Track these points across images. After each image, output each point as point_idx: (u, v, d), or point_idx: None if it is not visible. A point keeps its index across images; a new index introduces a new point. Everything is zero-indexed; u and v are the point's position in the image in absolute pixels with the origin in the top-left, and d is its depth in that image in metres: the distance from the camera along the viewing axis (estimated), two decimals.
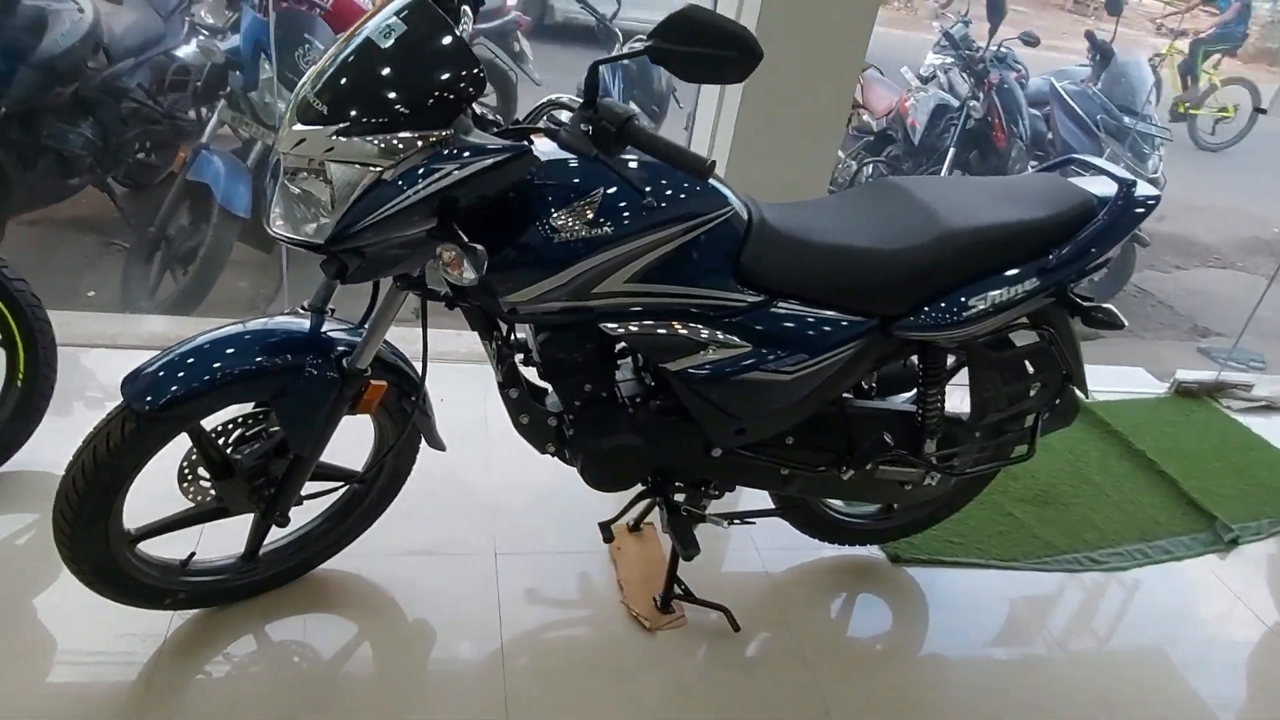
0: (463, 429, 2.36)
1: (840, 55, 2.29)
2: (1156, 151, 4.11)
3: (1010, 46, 4.68)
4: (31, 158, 3.12)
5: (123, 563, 1.53)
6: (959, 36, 4.52)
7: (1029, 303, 1.70)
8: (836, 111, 2.41)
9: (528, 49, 4.76)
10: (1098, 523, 2.49)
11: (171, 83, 3.74)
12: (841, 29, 2.24)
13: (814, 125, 2.37)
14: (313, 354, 1.47)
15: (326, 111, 1.21)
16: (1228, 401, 3.27)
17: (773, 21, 2.20)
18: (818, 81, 2.30)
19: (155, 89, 3.67)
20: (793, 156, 2.38)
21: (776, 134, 2.34)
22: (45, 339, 1.98)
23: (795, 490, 1.86)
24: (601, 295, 1.44)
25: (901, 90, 4.67)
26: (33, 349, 1.96)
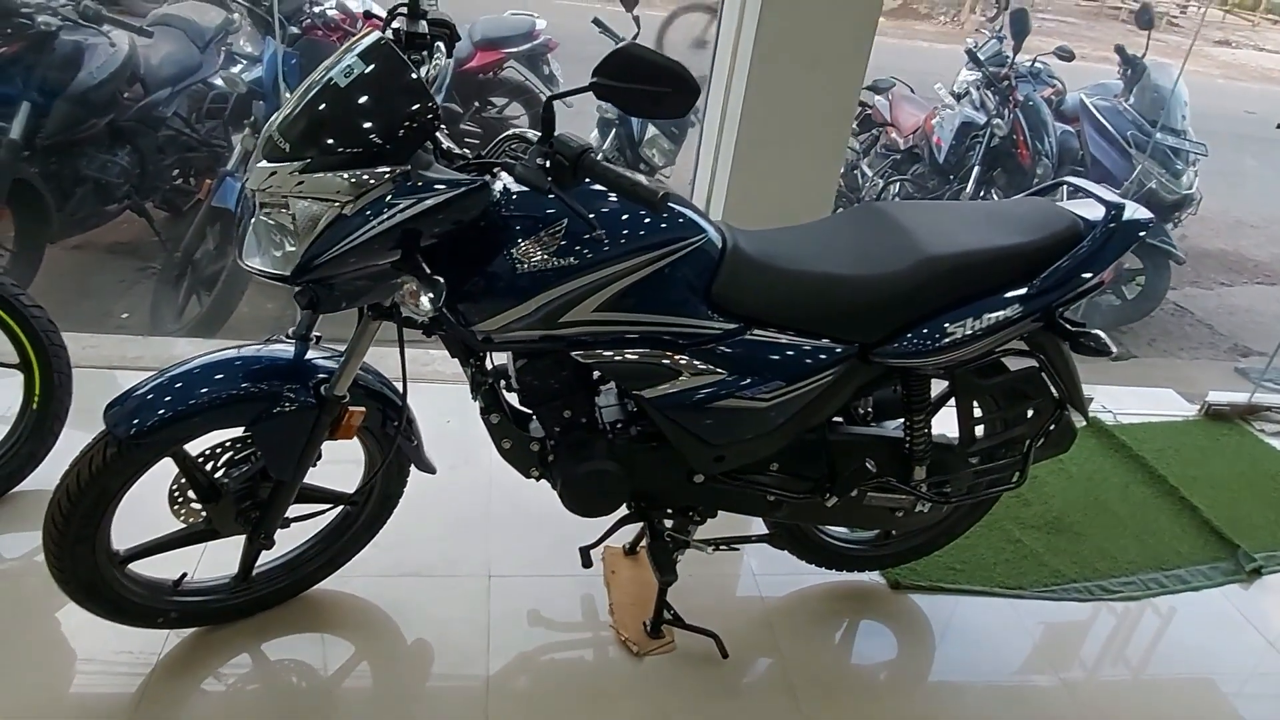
0: (467, 449, 2.39)
1: (839, 77, 2.29)
2: (1191, 167, 3.99)
3: (1046, 61, 4.60)
4: (70, 186, 3.26)
5: (112, 582, 1.59)
6: (993, 53, 4.46)
7: (1012, 329, 1.66)
8: (836, 133, 2.41)
9: (558, 72, 4.83)
10: (1113, 552, 2.42)
11: (209, 110, 3.90)
12: (839, 51, 2.24)
13: (814, 147, 2.37)
14: (292, 381, 1.51)
15: (289, 149, 1.25)
16: (1261, 425, 3.15)
17: (770, 44, 2.21)
18: (817, 103, 2.30)
19: (193, 116, 3.82)
20: (794, 178, 2.38)
21: (777, 156, 2.35)
22: (60, 363, 2.07)
23: (783, 516, 1.85)
24: (570, 324, 1.46)
25: (930, 108, 4.62)
26: (48, 373, 2.05)
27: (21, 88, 2.94)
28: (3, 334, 1.98)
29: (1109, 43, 11.08)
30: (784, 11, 2.14)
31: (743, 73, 2.24)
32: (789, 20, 2.15)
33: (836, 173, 2.44)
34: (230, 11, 3.90)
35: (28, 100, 2.96)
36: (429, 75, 1.42)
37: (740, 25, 2.26)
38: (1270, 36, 15.02)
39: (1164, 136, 3.93)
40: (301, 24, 3.74)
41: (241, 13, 3.89)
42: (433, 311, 1.27)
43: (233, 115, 3.35)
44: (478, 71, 4.56)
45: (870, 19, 2.19)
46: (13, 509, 2.05)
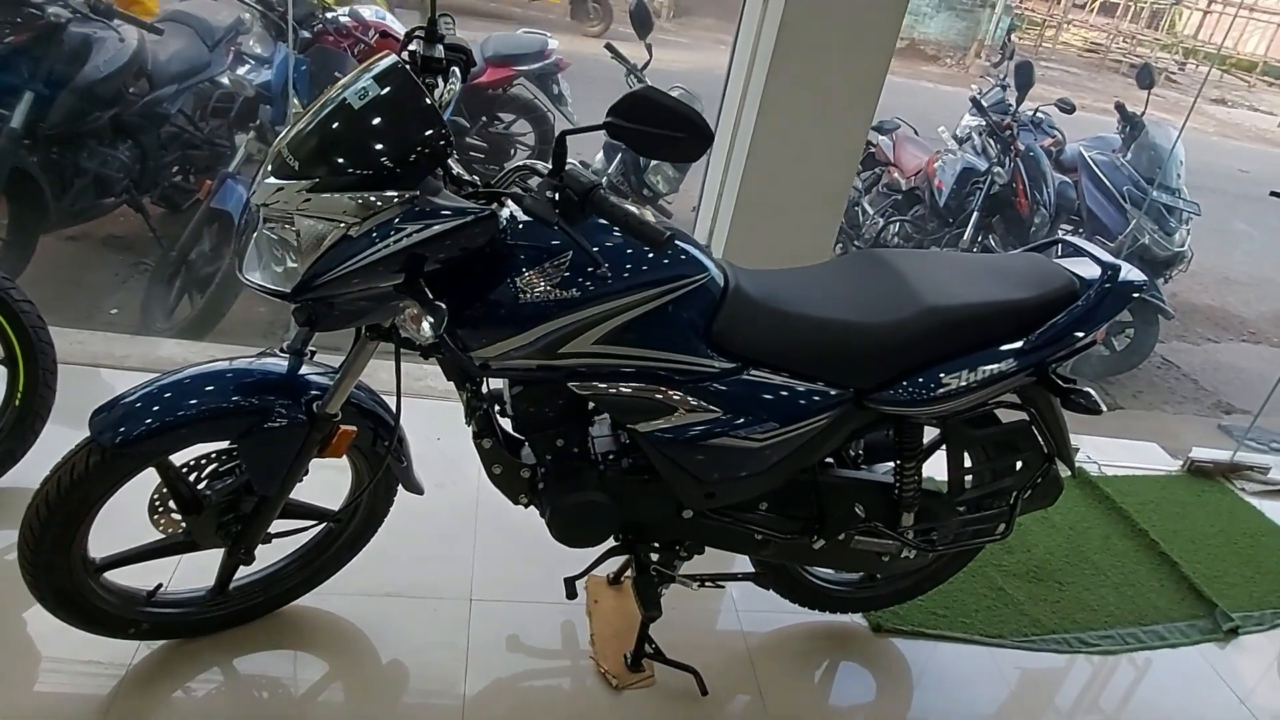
0: (455, 469, 2.37)
1: (847, 121, 2.31)
2: (1184, 225, 4.05)
3: (1047, 111, 4.66)
4: (69, 178, 3.23)
5: (85, 590, 1.56)
6: (996, 100, 4.51)
7: (1005, 383, 1.67)
8: (842, 176, 2.42)
9: (567, 92, 4.85)
10: (1092, 604, 2.42)
11: (214, 109, 3.89)
12: (849, 96, 2.26)
13: (819, 189, 2.39)
14: (284, 396, 1.50)
15: (298, 167, 1.25)
16: (1242, 483, 3.17)
17: (782, 86, 2.23)
18: (824, 146, 2.32)
19: (197, 114, 3.80)
20: (797, 219, 2.40)
21: (782, 196, 2.36)
22: (46, 360, 2.04)
23: (770, 555, 1.84)
24: (569, 355, 1.46)
25: (932, 150, 4.67)
26: (33, 370, 2.02)
27: (26, 78, 2.92)
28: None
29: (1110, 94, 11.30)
30: (798, 55, 2.16)
31: (752, 112, 2.26)
32: (802, 64, 2.17)
33: (839, 215, 2.45)
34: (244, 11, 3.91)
35: (31, 90, 2.94)
36: (442, 100, 1.42)
37: (751, 66, 2.28)
38: (1265, 97, 15.32)
39: (1159, 194, 3.98)
40: (314, 29, 3.75)
41: (254, 14, 3.90)
42: (433, 337, 1.27)
43: (238, 118, 3.34)
44: (487, 87, 4.58)
45: (881, 66, 2.21)
46: None
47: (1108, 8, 18.82)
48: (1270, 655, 2.41)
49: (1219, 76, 15.84)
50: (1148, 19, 18.17)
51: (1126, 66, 15.86)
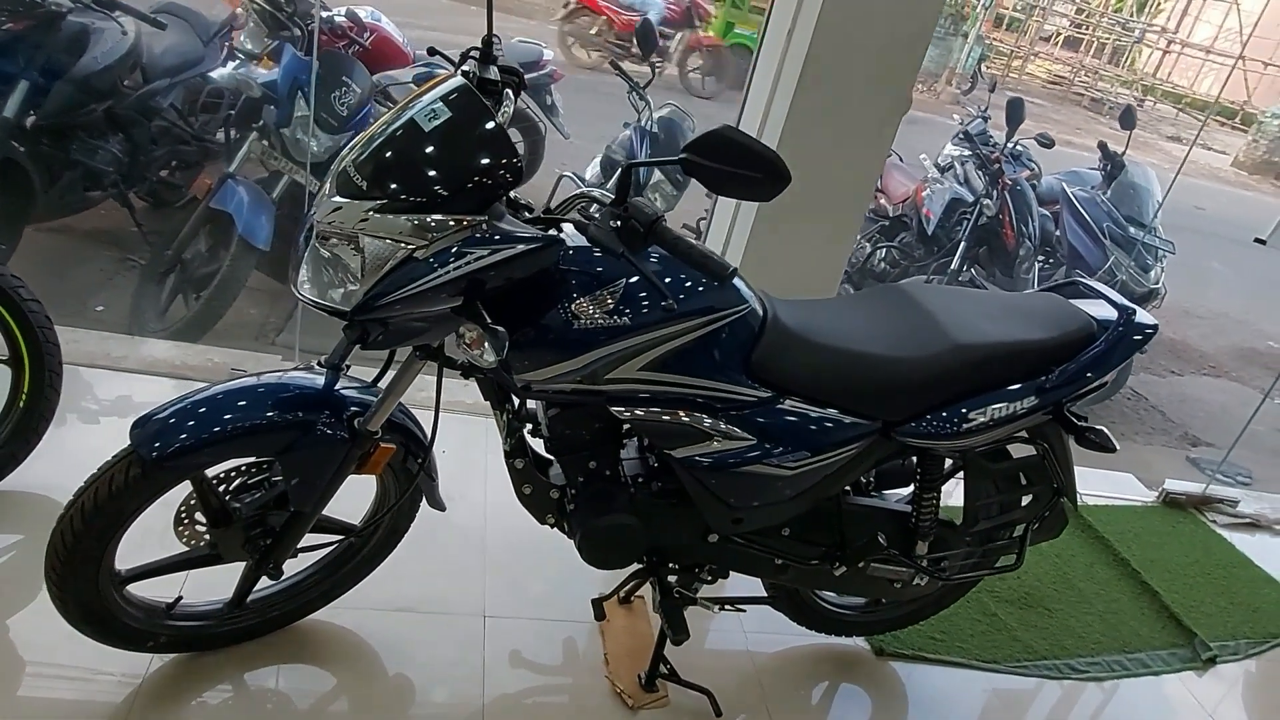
0: (460, 484, 2.36)
1: (864, 157, 2.36)
2: (1160, 263, 4.20)
3: (1025, 145, 4.80)
4: (58, 169, 3.15)
5: (110, 603, 1.53)
6: (977, 132, 4.63)
7: (1026, 419, 1.73)
8: (855, 212, 2.47)
9: (559, 103, 4.85)
10: (1079, 630, 2.50)
11: (204, 104, 3.81)
12: (867, 133, 2.31)
13: (832, 223, 2.42)
14: (325, 412, 1.49)
15: (366, 186, 1.25)
16: (1213, 516, 3.29)
17: (802, 119, 2.26)
18: (840, 181, 2.35)
19: (187, 109, 3.73)
20: (807, 253, 2.42)
21: (794, 229, 2.39)
22: (52, 361, 1.99)
23: (788, 580, 1.87)
24: (615, 380, 1.47)
25: (919, 178, 4.77)
26: (39, 370, 1.97)
27: (23, 66, 2.85)
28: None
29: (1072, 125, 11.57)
30: (822, 89, 2.19)
31: (772, 140, 2.29)
32: (826, 97, 2.21)
33: (850, 247, 2.50)
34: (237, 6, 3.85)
35: (27, 79, 2.86)
36: (500, 123, 1.43)
37: (773, 96, 2.31)
38: (1218, 137, 15.93)
39: (1138, 232, 4.13)
40: (308, 29, 3.70)
41: (247, 9, 3.84)
42: (495, 362, 1.27)
43: (240, 117, 3.29)
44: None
45: (901, 101, 2.26)
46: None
47: (1072, 42, 19.42)
48: (1244, 684, 2.51)
49: (1174, 115, 16.43)
50: (1110, 55, 18.77)
51: (1088, 100, 16.39)
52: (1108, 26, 18.49)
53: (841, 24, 2.10)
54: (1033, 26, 18.29)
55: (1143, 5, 18.87)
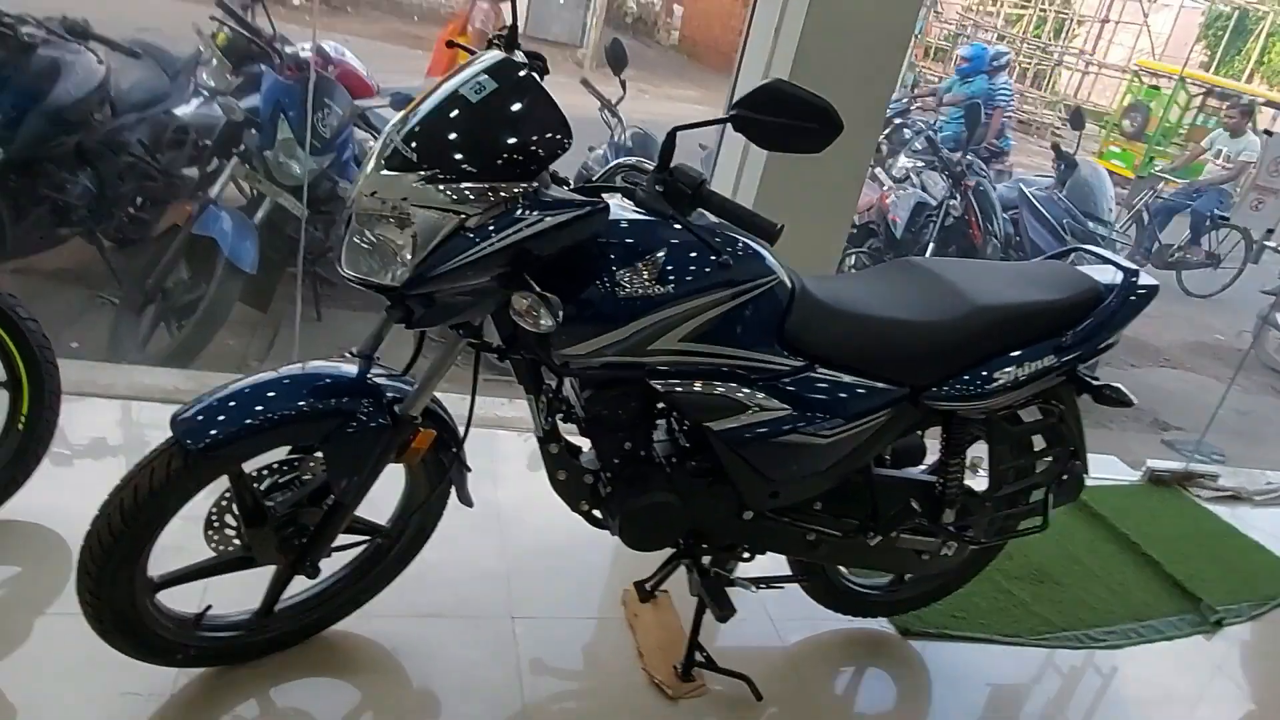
0: (475, 490, 2.32)
1: (854, 151, 2.42)
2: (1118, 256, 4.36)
3: (974, 156, 4.99)
4: (25, 205, 3.07)
5: (143, 612, 1.47)
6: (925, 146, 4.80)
7: (1045, 379, 1.77)
8: (846, 205, 2.54)
9: None
10: (1091, 602, 2.54)
11: (170, 140, 3.76)
12: (857, 127, 2.37)
13: (826, 216, 2.48)
14: (365, 399, 1.46)
15: (416, 158, 1.25)
16: (1197, 490, 3.39)
17: None
18: (832, 175, 2.41)
19: (154, 145, 3.67)
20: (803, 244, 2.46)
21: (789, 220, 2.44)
22: (52, 382, 1.93)
23: (821, 557, 1.88)
24: (656, 353, 1.48)
25: (880, 189, 4.91)
26: (38, 392, 1.90)
27: None
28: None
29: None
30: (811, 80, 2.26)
31: (758, 161, 2.35)
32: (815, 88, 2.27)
33: (844, 237, 2.56)
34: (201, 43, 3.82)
35: None
36: None
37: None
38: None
39: (1095, 226, 4.29)
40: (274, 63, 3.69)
41: (210, 46, 3.81)
42: (552, 327, 1.27)
43: (221, 143, 3.24)
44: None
45: (886, 94, 2.34)
46: None
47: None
48: (1252, 643, 2.57)
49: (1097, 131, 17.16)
50: (1032, 79, 19.60)
51: (1015, 122, 17.06)
52: (1028, 52, 19.34)
53: (830, 16, 2.17)
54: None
55: (1059, 30, 19.80)
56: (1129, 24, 18.44)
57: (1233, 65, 19.63)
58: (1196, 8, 18.05)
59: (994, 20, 19.92)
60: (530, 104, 1.28)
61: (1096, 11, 19.18)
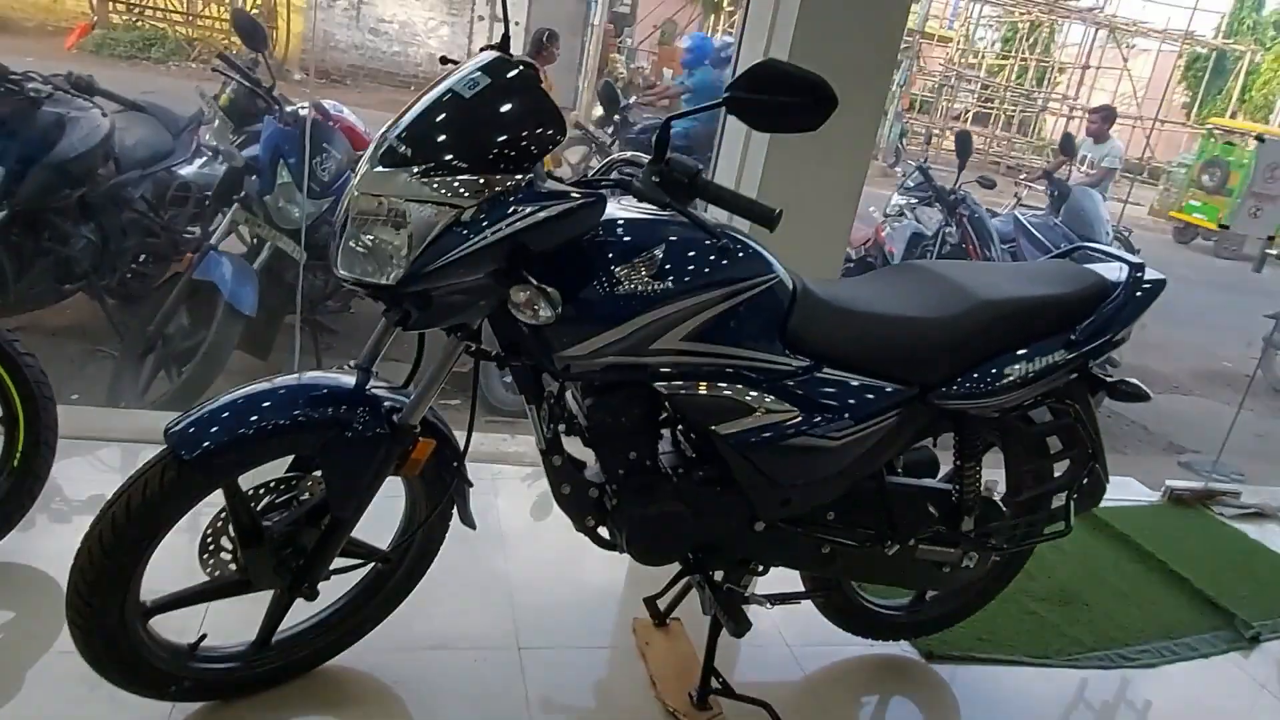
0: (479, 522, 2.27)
1: (849, 164, 2.42)
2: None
3: (967, 189, 5.03)
4: (29, 258, 3.09)
5: (134, 639, 1.41)
6: (917, 183, 4.84)
7: (1056, 375, 1.73)
8: (843, 220, 2.51)
9: None
10: (1121, 621, 2.45)
11: (172, 198, 3.80)
12: (849, 140, 2.38)
13: (824, 231, 2.46)
14: (362, 408, 1.43)
15: (410, 153, 1.24)
16: (1220, 509, 3.31)
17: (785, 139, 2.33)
18: (828, 189, 2.41)
19: (157, 202, 3.71)
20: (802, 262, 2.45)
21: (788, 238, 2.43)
22: (49, 418, 1.90)
23: (836, 570, 1.81)
24: (657, 352, 1.45)
25: (874, 224, 4.94)
26: (34, 428, 1.88)
27: None
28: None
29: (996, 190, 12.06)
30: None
31: (759, 153, 2.35)
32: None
33: (843, 253, 2.54)
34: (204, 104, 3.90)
35: (2, 166, 2.83)
36: None
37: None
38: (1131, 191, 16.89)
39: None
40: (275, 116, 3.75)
41: (213, 106, 3.89)
42: (552, 318, 1.24)
43: (221, 190, 3.27)
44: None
45: (878, 108, 2.35)
46: None
47: (981, 117, 20.62)
48: None
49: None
50: (1017, 126, 19.95)
51: (1004, 168, 17.33)
52: (1012, 100, 19.72)
53: (819, 26, 2.20)
54: (943, 105, 19.43)
55: (1041, 77, 20.21)
56: (1110, 69, 18.84)
57: (1215, 105, 20.03)
58: (1174, 50, 18.48)
59: (976, 71, 20.37)
60: (523, 98, 1.28)
61: (1077, 58, 19.62)
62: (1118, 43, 18.71)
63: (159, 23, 11.42)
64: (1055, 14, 18.81)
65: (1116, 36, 18.64)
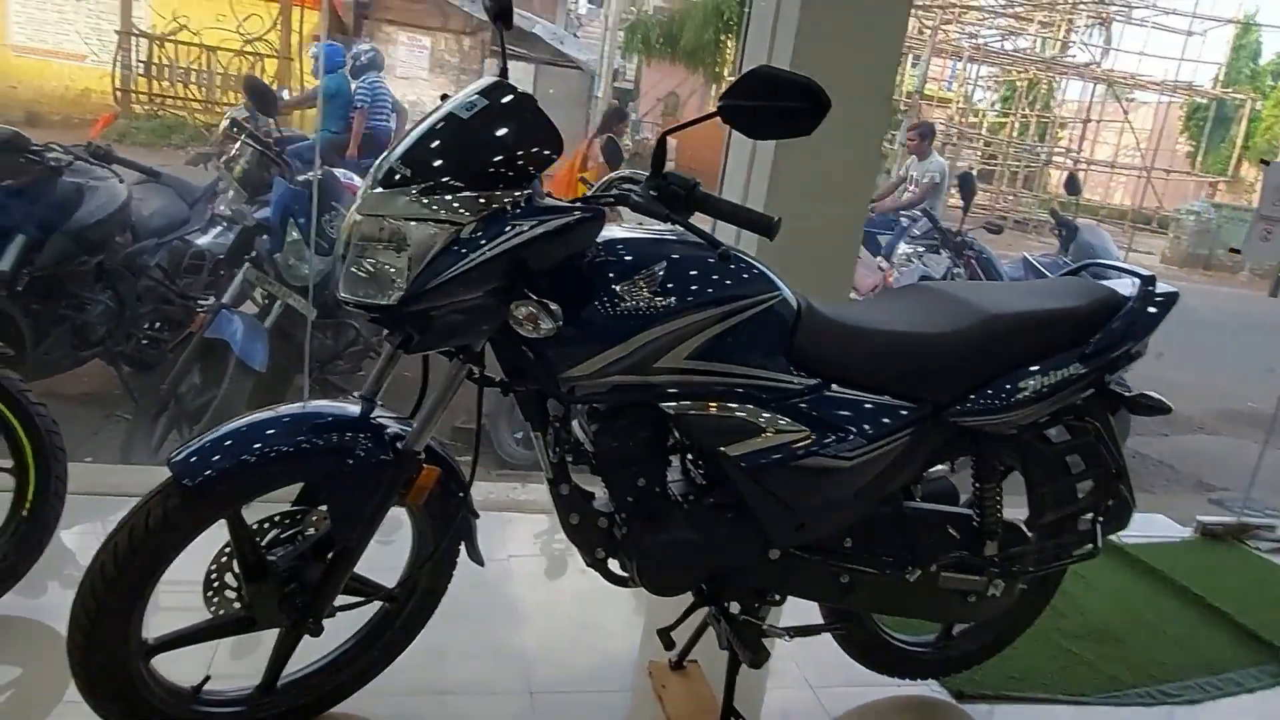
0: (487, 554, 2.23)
1: (849, 195, 2.45)
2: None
3: (973, 235, 5.05)
4: (46, 325, 3.14)
5: (136, 679, 1.37)
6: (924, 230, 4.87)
7: (1072, 390, 1.70)
8: (847, 252, 2.53)
9: None
10: (1160, 657, 2.35)
11: (188, 266, 3.88)
12: (848, 173, 2.41)
13: (826, 265, 2.47)
14: (365, 435, 1.41)
15: (410, 174, 1.25)
16: (1254, 543, 3.21)
17: (787, 167, 2.36)
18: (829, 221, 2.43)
19: (172, 270, 3.79)
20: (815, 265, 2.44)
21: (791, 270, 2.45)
22: (59, 468, 1.90)
23: (856, 601, 1.76)
24: (662, 371, 1.43)
25: (882, 271, 4.95)
26: (44, 477, 1.87)
27: (19, 221, 2.89)
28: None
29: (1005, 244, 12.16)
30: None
31: (763, 172, 2.38)
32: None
33: (849, 286, 2.54)
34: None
35: (23, 234, 2.90)
36: None
37: (752, 166, 2.42)
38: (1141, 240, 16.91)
39: None
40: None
41: (227, 177, 3.99)
42: (553, 329, 1.24)
43: (233, 251, 3.33)
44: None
45: (877, 142, 2.38)
46: None
47: (985, 175, 20.87)
48: None
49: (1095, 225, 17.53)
50: (1022, 181, 20.14)
51: (1011, 223, 17.46)
52: (1016, 155, 19.96)
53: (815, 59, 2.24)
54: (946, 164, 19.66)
55: (1043, 133, 20.47)
56: (1111, 122, 19.09)
57: (1219, 152, 20.20)
58: (1175, 101, 18.74)
59: (978, 130, 20.68)
60: (519, 117, 1.30)
61: (1077, 113, 19.91)
62: (1117, 97, 19.00)
63: (179, 111, 11.84)
64: (1052, 71, 19.18)
65: (1115, 91, 18.95)
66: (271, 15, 12.13)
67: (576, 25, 19.31)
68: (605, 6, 17.72)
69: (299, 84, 11.96)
